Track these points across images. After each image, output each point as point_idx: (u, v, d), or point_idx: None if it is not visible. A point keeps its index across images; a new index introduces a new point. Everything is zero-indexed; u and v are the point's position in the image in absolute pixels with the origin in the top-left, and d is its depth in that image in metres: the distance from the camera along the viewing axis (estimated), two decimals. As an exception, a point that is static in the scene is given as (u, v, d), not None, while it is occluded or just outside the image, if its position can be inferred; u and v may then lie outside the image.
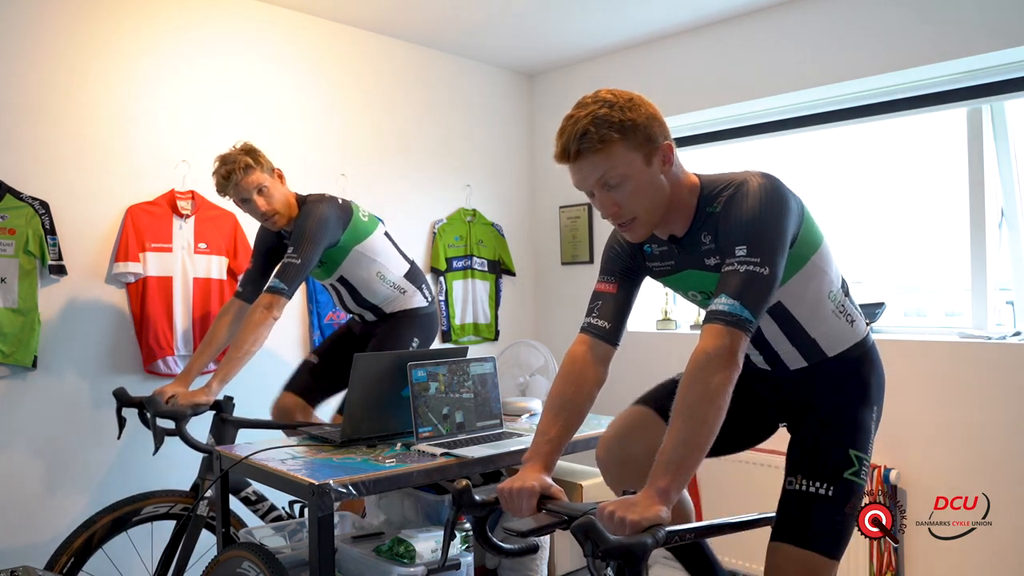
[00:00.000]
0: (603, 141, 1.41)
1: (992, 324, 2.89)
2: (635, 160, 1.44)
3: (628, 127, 1.42)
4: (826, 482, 1.53)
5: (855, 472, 1.53)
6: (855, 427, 1.58)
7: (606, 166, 1.43)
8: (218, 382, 2.25)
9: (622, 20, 3.45)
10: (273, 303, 2.29)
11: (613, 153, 1.43)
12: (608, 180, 1.45)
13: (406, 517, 2.28)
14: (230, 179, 2.36)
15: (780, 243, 1.42)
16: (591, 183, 1.47)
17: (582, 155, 1.43)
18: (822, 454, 1.56)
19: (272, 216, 2.44)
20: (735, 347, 1.35)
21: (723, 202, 1.49)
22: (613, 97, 1.45)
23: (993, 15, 2.69)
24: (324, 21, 3.38)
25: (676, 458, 1.29)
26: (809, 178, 3.49)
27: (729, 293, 1.38)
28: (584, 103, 1.46)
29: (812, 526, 1.51)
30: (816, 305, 1.59)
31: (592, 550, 1.17)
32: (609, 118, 1.41)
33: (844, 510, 1.52)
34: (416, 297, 2.70)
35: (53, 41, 2.62)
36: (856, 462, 1.54)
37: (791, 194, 1.49)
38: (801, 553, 1.49)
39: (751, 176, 1.50)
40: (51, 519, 2.56)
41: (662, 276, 1.69)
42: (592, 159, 1.43)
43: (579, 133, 1.42)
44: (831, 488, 1.52)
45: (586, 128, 1.41)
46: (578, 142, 1.42)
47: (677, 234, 1.58)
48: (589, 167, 1.45)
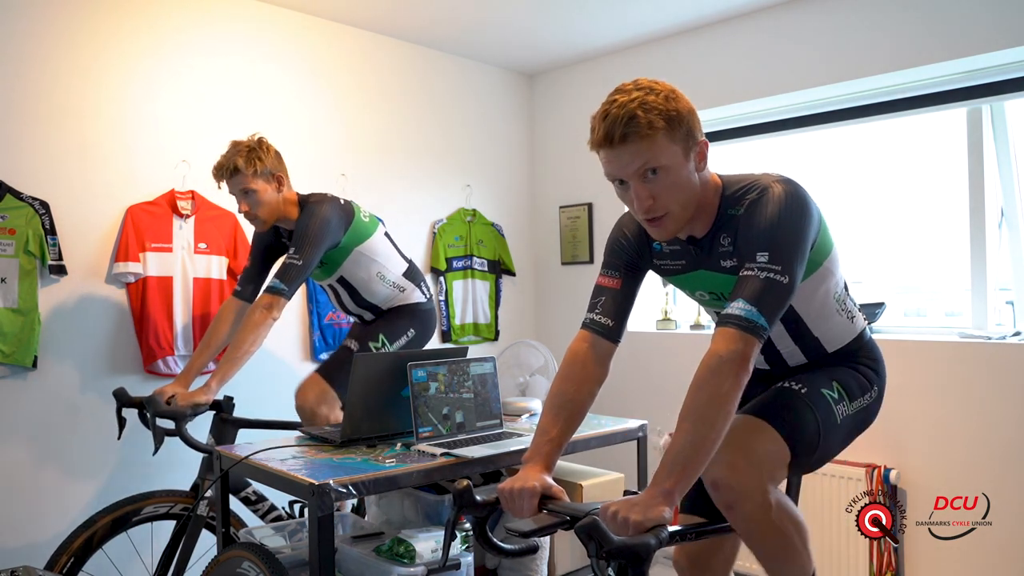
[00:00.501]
0: (652, 127, 1.36)
1: (992, 324, 2.89)
2: (676, 153, 1.40)
3: (674, 118, 1.39)
4: (802, 385, 1.57)
5: (831, 396, 1.56)
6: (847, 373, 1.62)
7: (649, 155, 1.38)
8: (217, 382, 2.24)
9: (622, 20, 3.45)
10: (273, 303, 2.29)
11: (657, 142, 1.37)
12: (648, 170, 1.39)
13: (406, 517, 2.28)
14: (219, 172, 2.41)
15: (801, 252, 1.41)
16: (630, 171, 1.40)
17: (627, 140, 1.37)
18: (808, 374, 1.61)
19: (252, 220, 2.46)
20: (748, 353, 1.34)
21: (746, 205, 1.47)
22: (658, 86, 1.41)
23: (993, 15, 2.69)
24: (324, 21, 3.38)
25: (682, 460, 1.28)
26: (809, 178, 3.46)
27: (746, 298, 1.36)
28: (626, 89, 1.41)
29: (774, 403, 1.55)
30: (823, 306, 1.60)
31: (596, 550, 1.17)
32: (657, 106, 1.37)
33: (808, 408, 1.53)
34: (415, 294, 2.70)
35: (53, 42, 2.62)
36: (836, 391, 1.57)
37: (812, 201, 1.48)
38: (754, 419, 1.51)
39: (775, 181, 1.48)
40: (51, 519, 2.56)
41: (669, 275, 1.67)
42: (637, 146, 1.37)
43: (627, 116, 1.36)
44: (804, 388, 1.56)
45: (634, 112, 1.36)
46: (625, 126, 1.36)
47: (696, 235, 1.55)
48: (630, 154, 1.38)
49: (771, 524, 1.43)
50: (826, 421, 1.54)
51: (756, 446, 1.46)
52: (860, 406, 1.61)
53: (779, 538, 1.45)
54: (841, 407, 1.56)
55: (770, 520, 1.43)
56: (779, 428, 1.48)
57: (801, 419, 1.51)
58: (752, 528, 1.44)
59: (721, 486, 1.41)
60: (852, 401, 1.59)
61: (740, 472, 1.40)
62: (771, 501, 1.43)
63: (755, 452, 1.44)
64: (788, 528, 1.46)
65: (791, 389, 1.57)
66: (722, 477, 1.40)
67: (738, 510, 1.41)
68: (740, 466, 1.41)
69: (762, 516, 1.42)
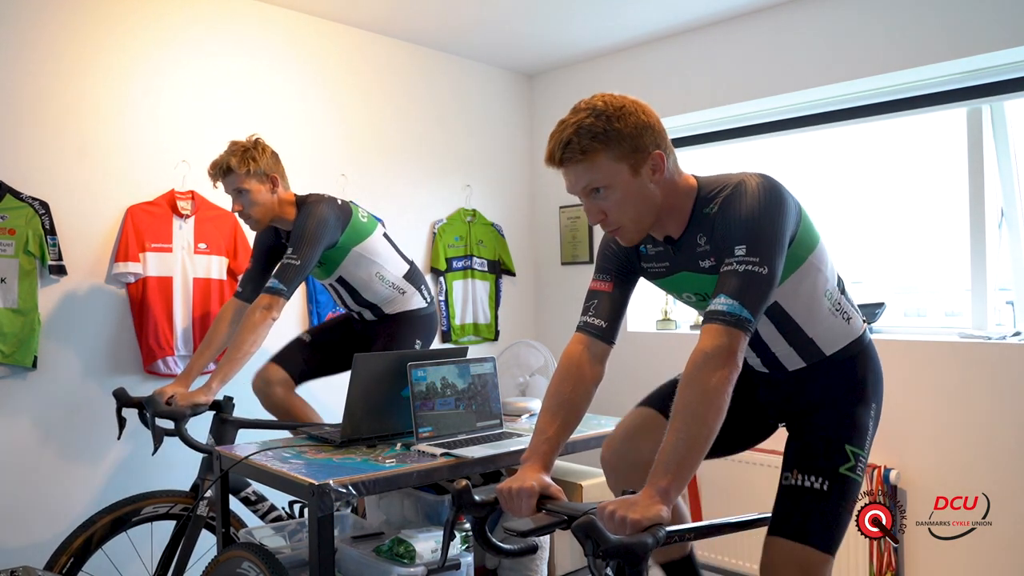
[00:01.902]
0: (584, 152, 1.43)
1: (992, 324, 2.89)
2: (620, 170, 1.45)
3: (613, 137, 1.43)
4: (821, 477, 1.53)
5: (851, 468, 1.53)
6: (852, 424, 1.59)
7: (589, 176, 1.45)
8: (218, 382, 2.25)
9: (622, 20, 3.45)
10: (272, 304, 2.29)
11: (596, 163, 1.44)
12: (592, 189, 1.47)
13: (406, 517, 2.28)
14: (214, 170, 2.42)
15: (779, 243, 1.42)
16: (576, 190, 1.50)
17: (565, 163, 1.46)
18: (818, 450, 1.57)
19: (246, 219, 2.47)
20: (734, 347, 1.35)
21: (720, 203, 1.49)
22: (603, 105, 1.44)
23: (993, 15, 2.69)
24: (324, 21, 3.38)
25: (676, 458, 1.29)
26: (809, 178, 3.49)
27: (728, 293, 1.38)
28: (577, 109, 1.47)
29: (807, 521, 1.51)
30: (812, 304, 1.59)
31: (593, 549, 1.17)
32: (593, 128, 1.42)
33: (840, 505, 1.52)
34: (415, 298, 2.70)
35: (53, 41, 2.62)
36: (852, 458, 1.54)
37: (788, 194, 1.49)
38: (796, 547, 1.49)
39: (748, 176, 1.50)
40: (51, 519, 2.56)
41: (656, 278, 1.69)
42: (575, 168, 1.46)
43: (563, 142, 1.44)
44: (826, 483, 1.52)
45: (569, 138, 1.43)
46: (561, 150, 1.44)
47: (672, 235, 1.58)
48: (573, 175, 1.47)
49: None
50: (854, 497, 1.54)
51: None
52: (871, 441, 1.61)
53: None
54: (860, 466, 1.56)
55: None
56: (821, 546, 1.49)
57: (836, 522, 1.52)
58: None
59: None
60: (865, 447, 1.58)
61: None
62: None
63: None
64: None
65: (812, 490, 1.53)
66: None
67: None
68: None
69: None
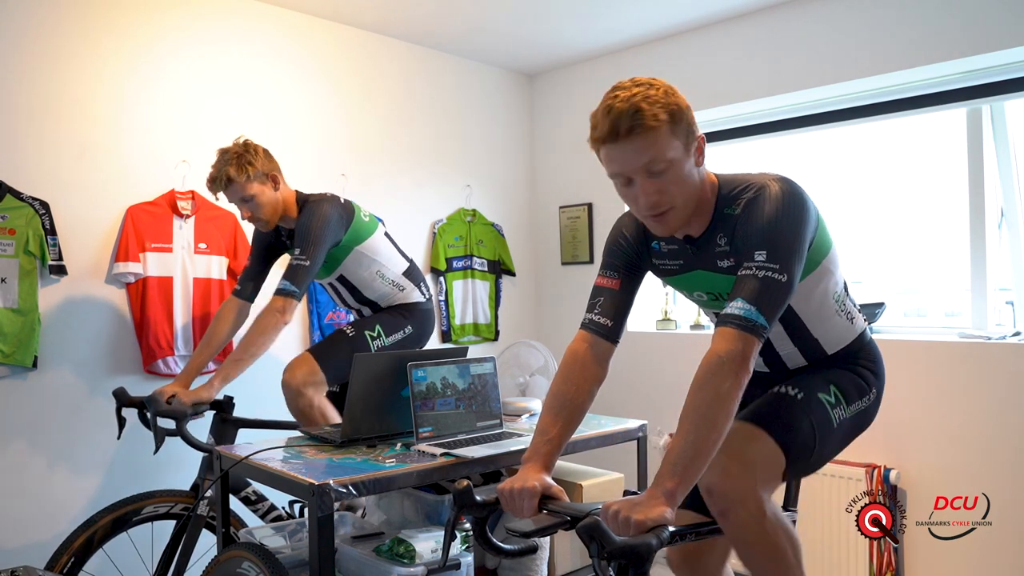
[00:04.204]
0: (657, 120, 1.35)
1: (992, 324, 2.89)
2: (679, 148, 1.40)
3: (675, 112, 1.39)
4: (801, 390, 1.56)
5: (828, 401, 1.55)
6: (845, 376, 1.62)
7: (655, 150, 1.37)
8: (220, 381, 2.24)
9: (622, 20, 3.45)
10: (286, 306, 2.28)
11: (661, 136, 1.37)
12: (654, 165, 1.38)
13: (406, 517, 2.28)
14: (214, 185, 2.39)
15: (799, 250, 1.41)
16: (637, 166, 1.39)
17: (633, 133, 1.36)
18: (806, 378, 1.61)
19: (256, 223, 2.46)
20: (748, 352, 1.34)
21: (743, 204, 1.47)
22: (656, 82, 1.41)
23: (993, 15, 2.69)
24: (325, 21, 3.37)
25: (684, 460, 1.28)
26: (809, 178, 3.48)
27: (746, 298, 1.36)
28: (625, 86, 1.40)
29: (769, 411, 1.54)
30: (821, 306, 1.59)
31: (598, 551, 1.17)
32: (659, 100, 1.37)
33: (805, 415, 1.52)
34: (414, 294, 2.70)
35: (53, 41, 2.62)
36: (833, 396, 1.56)
37: (809, 200, 1.48)
38: (749, 426, 1.50)
39: (771, 180, 1.48)
40: (51, 519, 2.56)
41: (668, 275, 1.67)
42: (643, 140, 1.36)
43: (632, 110, 1.35)
44: (800, 393, 1.55)
45: (639, 106, 1.35)
46: (631, 119, 1.35)
47: (693, 234, 1.55)
48: (634, 150, 1.37)
49: (764, 533, 1.43)
50: (822, 426, 1.54)
51: (750, 452, 1.45)
52: (858, 409, 1.61)
53: (772, 549, 1.44)
54: (838, 411, 1.56)
55: (763, 529, 1.42)
56: (774, 434, 1.48)
57: (797, 424, 1.51)
58: (744, 536, 1.44)
59: (715, 492, 1.41)
60: (850, 404, 1.59)
61: (734, 478, 1.40)
62: (765, 510, 1.42)
63: (749, 458, 1.44)
64: (781, 539, 1.45)
65: (787, 395, 1.56)
66: (716, 483, 1.40)
67: (731, 517, 1.41)
68: (734, 472, 1.41)
69: (755, 524, 1.42)
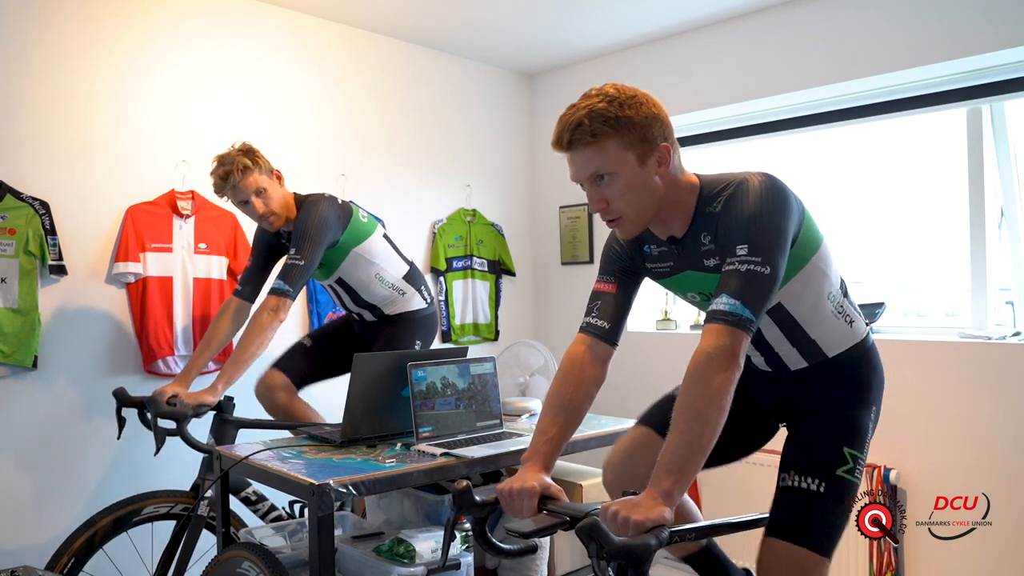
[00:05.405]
0: (595, 135, 1.42)
1: (992, 324, 2.89)
2: (627, 159, 1.44)
3: (624, 124, 1.42)
4: (819, 478, 1.53)
5: (848, 470, 1.53)
6: (851, 426, 1.59)
7: (597, 161, 1.44)
8: (223, 383, 2.25)
9: (622, 20, 3.45)
10: (279, 305, 2.29)
11: (605, 148, 1.43)
12: (598, 175, 1.45)
13: (406, 517, 2.28)
14: (227, 180, 2.36)
15: (781, 242, 1.42)
16: (581, 176, 1.48)
17: (574, 146, 1.44)
18: (816, 451, 1.57)
19: (269, 217, 2.43)
20: (736, 347, 1.34)
21: (723, 202, 1.48)
22: (616, 92, 1.44)
23: (993, 15, 2.69)
24: (325, 21, 3.37)
25: (679, 459, 1.29)
26: (809, 178, 3.49)
27: (730, 293, 1.37)
28: (588, 95, 1.46)
29: (803, 523, 1.51)
30: (816, 306, 1.59)
31: (597, 551, 1.17)
32: (605, 113, 1.41)
33: (837, 507, 1.52)
34: (415, 299, 2.69)
35: (53, 41, 2.62)
36: (850, 460, 1.54)
37: (791, 193, 1.49)
38: (792, 549, 1.49)
39: (751, 175, 1.49)
40: (51, 519, 2.56)
41: (661, 278, 1.68)
42: (584, 152, 1.44)
43: (574, 124, 1.42)
44: (823, 484, 1.52)
45: (581, 120, 1.42)
46: (571, 132, 1.43)
47: (676, 235, 1.57)
48: (581, 159, 1.45)
49: None
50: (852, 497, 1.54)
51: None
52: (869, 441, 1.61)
53: None
54: (859, 467, 1.55)
55: None
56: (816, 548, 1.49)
57: (834, 522, 1.51)
58: None
59: None
60: (864, 450, 1.58)
61: None
62: None
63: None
64: None
65: (808, 490, 1.53)
66: None
67: None
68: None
69: None
